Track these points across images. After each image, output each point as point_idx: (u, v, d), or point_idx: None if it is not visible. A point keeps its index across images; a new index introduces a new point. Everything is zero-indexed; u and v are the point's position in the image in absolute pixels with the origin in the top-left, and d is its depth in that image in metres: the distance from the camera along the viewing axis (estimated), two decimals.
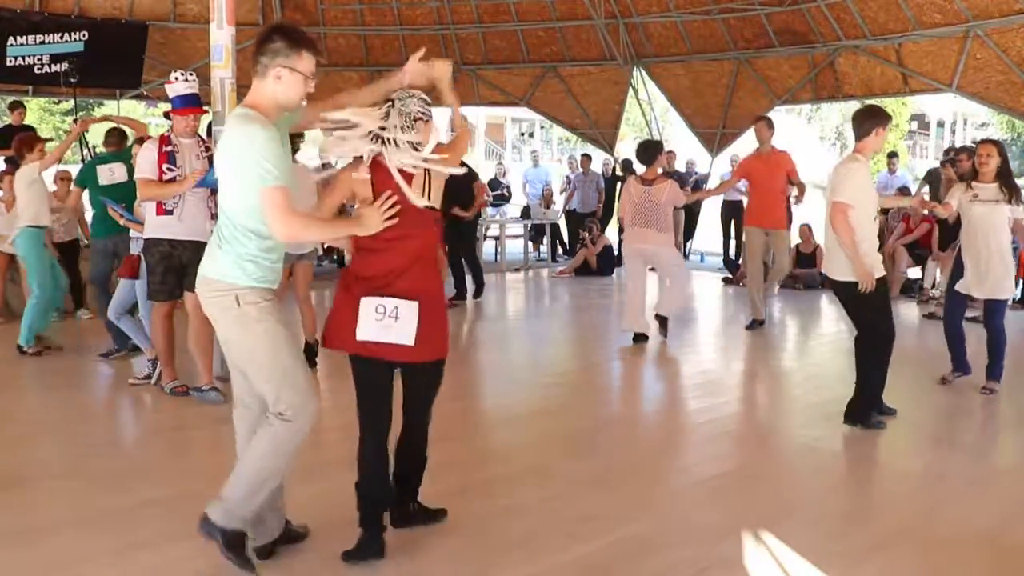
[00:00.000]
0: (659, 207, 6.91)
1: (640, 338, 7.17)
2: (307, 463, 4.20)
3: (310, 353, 6.24)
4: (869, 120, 4.73)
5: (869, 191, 4.78)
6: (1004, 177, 5.30)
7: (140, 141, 5.74)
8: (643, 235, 6.96)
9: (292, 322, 2.96)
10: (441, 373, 3.19)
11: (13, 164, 9.81)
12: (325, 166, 6.34)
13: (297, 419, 2.84)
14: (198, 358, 5.22)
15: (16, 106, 10.52)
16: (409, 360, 3.00)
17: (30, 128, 10.76)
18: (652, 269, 7.81)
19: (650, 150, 7.21)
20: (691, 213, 13.36)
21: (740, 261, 11.87)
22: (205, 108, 5.43)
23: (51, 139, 13.79)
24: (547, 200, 14.12)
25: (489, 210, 13.90)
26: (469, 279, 9.53)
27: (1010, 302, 5.95)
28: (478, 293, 9.60)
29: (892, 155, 12.92)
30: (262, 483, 2.87)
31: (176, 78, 5.15)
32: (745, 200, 12.78)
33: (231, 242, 2.84)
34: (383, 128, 2.91)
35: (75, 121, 10.67)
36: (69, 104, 15.67)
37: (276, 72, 2.78)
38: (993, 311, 5.50)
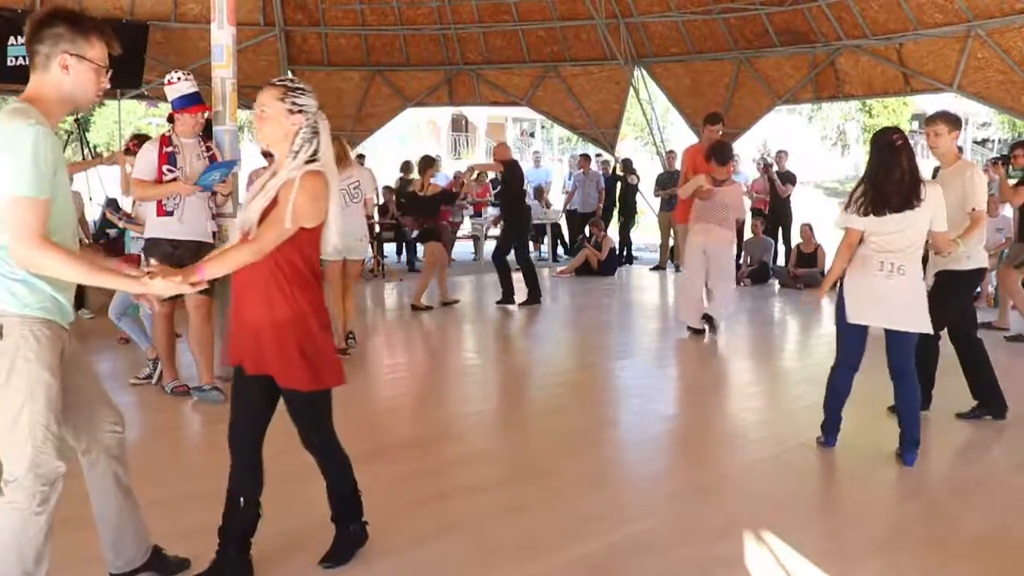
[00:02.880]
0: (723, 207, 7.21)
1: (696, 332, 7.52)
2: (302, 463, 4.22)
3: None
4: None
5: None
6: None
7: (141, 141, 5.74)
8: (707, 230, 7.23)
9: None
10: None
11: None
12: None
13: (29, 488, 2.38)
14: (199, 357, 5.23)
15: None
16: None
17: None
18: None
19: (725, 152, 7.38)
20: None
21: (740, 261, 11.88)
22: (208, 105, 5.43)
23: None
24: (543, 198, 14.12)
25: (490, 210, 13.93)
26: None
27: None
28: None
29: None
30: (19, 560, 2.40)
31: (179, 78, 5.14)
32: (747, 200, 12.85)
33: None
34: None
35: (76, 121, 10.69)
36: None
37: (61, 60, 2.42)
38: (900, 348, 4.29)
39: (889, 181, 4.14)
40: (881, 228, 4.17)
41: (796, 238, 11.69)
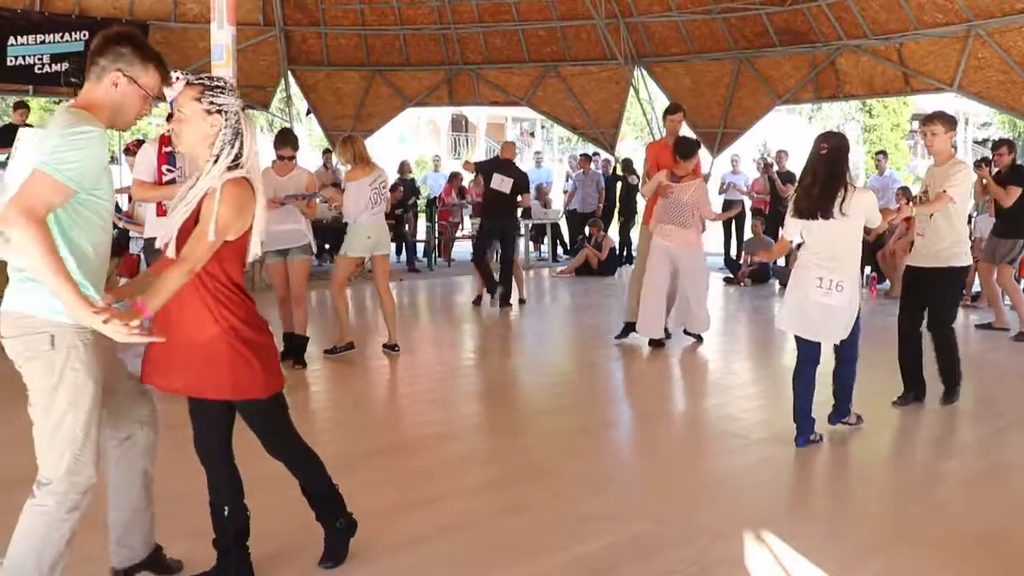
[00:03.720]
0: (682, 206, 6.73)
1: (656, 343, 7.01)
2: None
3: (298, 347, 6.24)
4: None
5: None
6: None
7: (139, 143, 5.74)
8: (668, 232, 6.76)
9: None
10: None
11: None
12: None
13: (62, 492, 2.46)
14: None
15: (20, 106, 10.56)
16: None
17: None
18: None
19: (688, 146, 6.91)
20: None
21: (741, 261, 11.88)
22: None
23: None
24: (543, 198, 14.13)
25: None
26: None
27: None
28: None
29: (880, 153, 12.85)
30: (38, 564, 2.45)
31: (178, 78, 5.12)
32: (747, 201, 12.87)
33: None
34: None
35: None
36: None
37: (113, 77, 2.46)
38: (843, 347, 4.55)
39: (801, 186, 4.35)
40: (810, 231, 4.36)
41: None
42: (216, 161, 2.56)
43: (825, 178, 4.22)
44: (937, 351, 5.23)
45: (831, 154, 4.26)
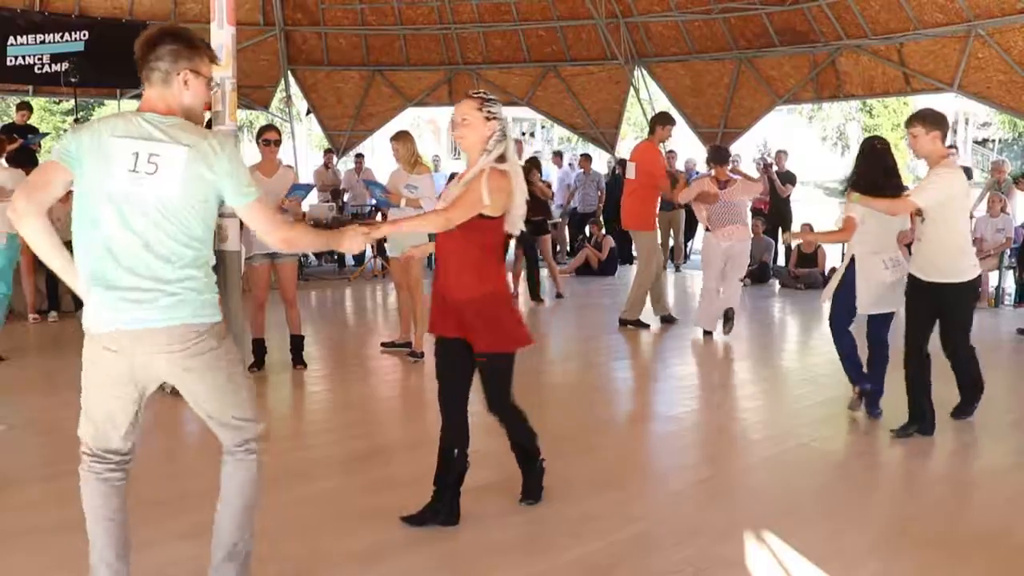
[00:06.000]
0: (737, 204, 7.38)
1: (708, 334, 7.55)
2: (306, 461, 4.21)
3: (297, 346, 6.23)
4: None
5: None
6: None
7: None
8: (731, 232, 7.31)
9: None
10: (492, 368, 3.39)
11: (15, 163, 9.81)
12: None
13: (258, 438, 2.74)
14: None
15: (23, 107, 10.57)
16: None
17: (33, 129, 10.78)
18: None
19: (722, 152, 7.73)
20: (691, 213, 13.33)
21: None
22: (207, 105, 5.42)
23: (48, 133, 13.83)
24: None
25: None
26: None
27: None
28: None
29: None
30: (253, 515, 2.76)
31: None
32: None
33: (197, 278, 2.54)
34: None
35: (75, 122, 10.68)
36: (70, 104, 15.69)
37: (183, 76, 2.51)
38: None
39: None
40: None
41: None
42: (488, 155, 3.22)
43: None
44: (954, 369, 4.86)
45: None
